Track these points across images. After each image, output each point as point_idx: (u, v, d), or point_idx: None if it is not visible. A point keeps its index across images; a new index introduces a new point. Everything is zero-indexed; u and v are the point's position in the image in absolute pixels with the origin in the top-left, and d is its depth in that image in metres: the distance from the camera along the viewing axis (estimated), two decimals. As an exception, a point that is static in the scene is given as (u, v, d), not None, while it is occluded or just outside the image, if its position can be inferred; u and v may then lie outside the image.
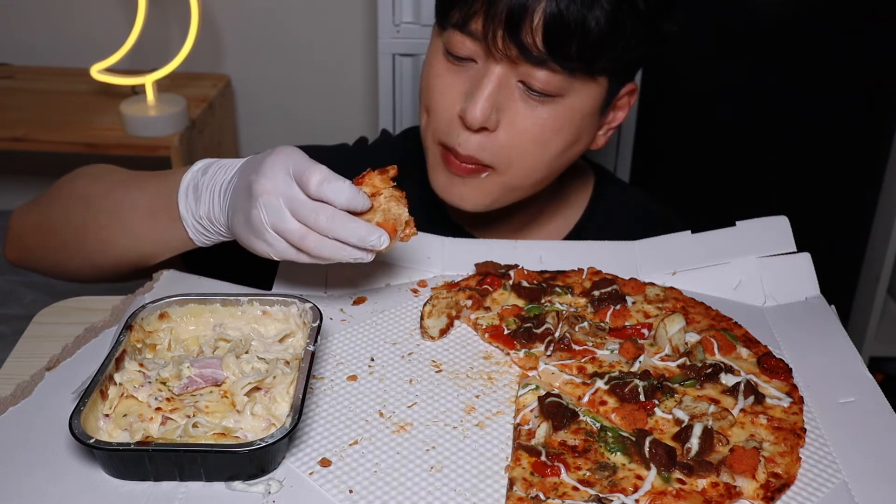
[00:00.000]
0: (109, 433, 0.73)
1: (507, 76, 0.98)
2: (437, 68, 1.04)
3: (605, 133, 1.10)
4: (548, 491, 0.69)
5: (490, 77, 0.98)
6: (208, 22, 2.36)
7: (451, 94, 1.02)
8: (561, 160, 1.05)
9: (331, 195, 0.80)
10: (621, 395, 0.79)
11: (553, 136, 1.01)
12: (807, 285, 0.98)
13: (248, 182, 0.82)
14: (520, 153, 1.02)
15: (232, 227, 0.86)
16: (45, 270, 1.10)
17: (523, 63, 0.96)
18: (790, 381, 0.83)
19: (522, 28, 0.93)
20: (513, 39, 0.94)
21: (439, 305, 0.93)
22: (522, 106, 0.99)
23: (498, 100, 0.99)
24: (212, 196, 0.88)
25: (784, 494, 0.71)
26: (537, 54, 0.95)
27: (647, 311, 0.93)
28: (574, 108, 1.01)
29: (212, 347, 0.84)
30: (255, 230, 0.82)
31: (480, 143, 1.01)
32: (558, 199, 1.21)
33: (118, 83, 2.12)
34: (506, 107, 0.99)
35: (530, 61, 0.96)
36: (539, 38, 0.94)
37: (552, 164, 1.05)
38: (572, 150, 1.05)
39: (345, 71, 2.43)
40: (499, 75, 0.98)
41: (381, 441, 0.76)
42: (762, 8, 2.11)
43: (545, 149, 1.02)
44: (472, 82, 1.00)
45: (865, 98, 2.19)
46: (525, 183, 1.06)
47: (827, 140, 2.24)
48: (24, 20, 2.41)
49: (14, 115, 2.16)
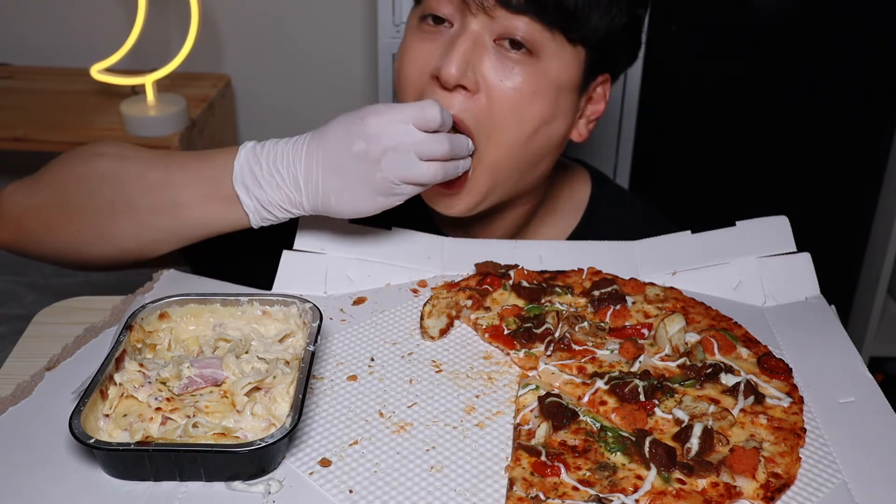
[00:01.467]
0: (109, 433, 0.73)
1: (482, 34, 0.98)
2: (410, 41, 1.04)
3: (586, 125, 1.09)
4: (548, 491, 0.69)
5: (465, 35, 0.98)
6: (208, 22, 2.36)
7: (423, 57, 1.01)
8: (541, 137, 1.02)
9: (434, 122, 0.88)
10: (621, 395, 0.79)
11: (529, 102, 0.99)
12: (807, 285, 0.98)
13: (355, 152, 0.87)
14: (499, 118, 0.99)
15: (334, 205, 0.90)
16: (42, 254, 1.05)
17: (501, 11, 0.96)
18: (790, 381, 0.83)
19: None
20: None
21: (439, 305, 0.93)
22: (499, 66, 0.98)
23: (473, 59, 0.98)
24: (283, 183, 0.90)
25: (784, 494, 0.71)
26: (517, 3, 0.95)
27: (647, 311, 0.93)
28: (548, 73, 0.99)
29: (212, 347, 0.84)
30: (384, 190, 0.88)
31: (462, 104, 0.98)
32: (551, 206, 1.19)
33: (118, 83, 2.12)
34: (481, 66, 0.98)
35: (508, 7, 0.95)
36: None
37: (530, 142, 1.02)
38: (552, 127, 1.03)
39: (345, 71, 2.43)
40: (474, 33, 0.97)
41: (381, 441, 0.76)
42: (762, 7, 2.11)
43: (522, 116, 1.00)
44: (446, 45, 0.99)
45: (865, 98, 2.19)
46: (508, 164, 1.02)
47: (827, 140, 2.24)
48: (24, 20, 2.41)
49: (14, 115, 2.16)
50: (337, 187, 0.88)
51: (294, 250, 0.99)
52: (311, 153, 0.89)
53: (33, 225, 1.02)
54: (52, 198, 1.01)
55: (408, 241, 1.03)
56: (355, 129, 0.87)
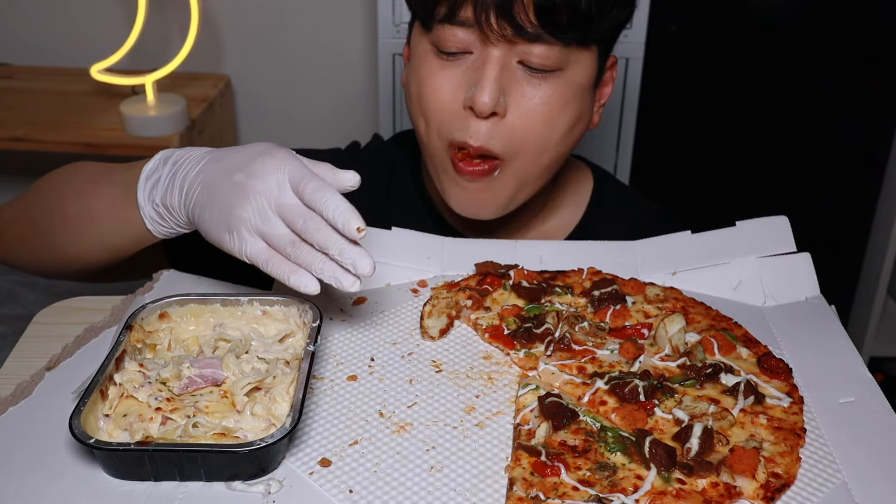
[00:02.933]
0: (109, 433, 0.73)
1: (507, 58, 0.98)
2: (429, 68, 1.02)
3: (597, 110, 1.11)
4: (548, 491, 0.69)
5: (491, 61, 0.98)
6: (208, 22, 2.36)
7: (449, 88, 1.01)
8: (566, 141, 1.05)
9: (322, 204, 0.77)
10: (621, 395, 0.79)
11: (560, 113, 1.01)
12: (807, 285, 0.98)
13: (233, 180, 0.80)
14: (530, 135, 1.01)
15: (198, 220, 0.84)
16: (23, 265, 1.11)
17: (520, 41, 0.96)
18: (790, 381, 0.83)
19: (514, 7, 0.94)
20: (506, 19, 0.95)
21: (439, 305, 0.93)
22: (527, 86, 0.99)
23: (504, 83, 0.99)
24: (172, 184, 0.86)
25: (784, 494, 0.71)
26: (532, 30, 0.95)
27: (647, 311, 0.93)
28: (574, 81, 1.01)
29: (212, 347, 0.84)
30: (233, 227, 0.80)
31: (490, 131, 1.00)
32: (557, 200, 1.20)
33: (118, 83, 2.12)
34: (511, 89, 0.99)
35: (526, 38, 0.96)
36: (531, 13, 0.94)
37: (559, 146, 1.04)
38: (576, 129, 1.05)
39: (345, 71, 2.43)
40: (499, 58, 0.98)
41: (381, 441, 0.76)
42: (763, 8, 2.11)
43: (553, 127, 1.02)
44: (472, 72, 1.00)
45: (865, 98, 2.19)
46: (535, 170, 1.05)
47: (827, 140, 2.24)
48: (24, 20, 2.41)
49: (14, 115, 2.16)
50: (204, 202, 0.83)
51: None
52: (206, 164, 0.85)
53: (10, 237, 1.08)
54: (19, 211, 1.07)
55: (408, 241, 1.03)
56: (249, 160, 0.82)
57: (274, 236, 0.79)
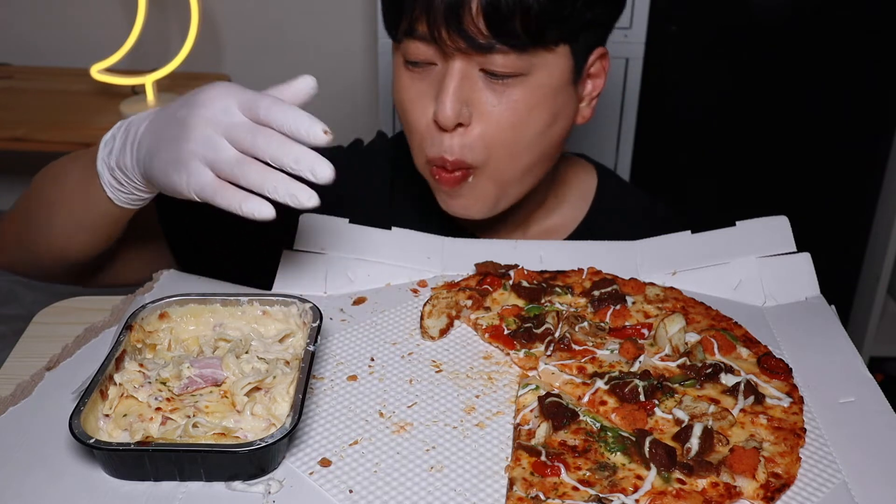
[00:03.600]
0: (109, 433, 0.73)
1: (468, 68, 0.98)
2: (402, 82, 1.04)
3: (588, 104, 1.09)
4: (548, 491, 0.69)
5: (451, 73, 0.98)
6: (208, 22, 2.36)
7: (421, 102, 1.02)
8: (544, 140, 1.04)
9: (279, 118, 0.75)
10: (621, 395, 0.79)
11: (527, 117, 1.00)
12: (807, 285, 0.98)
13: (178, 116, 0.78)
14: (497, 142, 1.01)
15: (148, 170, 0.81)
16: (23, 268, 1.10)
17: (475, 52, 0.96)
18: (790, 381, 0.83)
19: (464, 19, 0.94)
20: (457, 32, 0.95)
21: (439, 305, 0.93)
22: (490, 94, 0.99)
23: (464, 94, 0.99)
24: (124, 145, 0.85)
25: (784, 494, 0.71)
26: (484, 41, 0.95)
27: (647, 311, 0.93)
28: (541, 83, 1.00)
29: (212, 347, 0.84)
30: (180, 162, 0.76)
31: (462, 143, 1.01)
32: (560, 197, 1.20)
33: (118, 83, 2.13)
34: (474, 98, 0.99)
35: (480, 49, 0.96)
36: (482, 25, 0.94)
37: (534, 146, 1.03)
38: (554, 128, 1.04)
39: (345, 71, 2.43)
40: (459, 69, 0.98)
41: (381, 441, 0.76)
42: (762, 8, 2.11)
43: (522, 132, 1.01)
44: (436, 84, 1.00)
45: (865, 98, 2.20)
46: (514, 171, 1.04)
47: (827, 140, 2.24)
48: (24, 20, 2.41)
49: (14, 115, 2.17)
50: (151, 149, 0.81)
51: (294, 250, 0.99)
52: (153, 115, 0.83)
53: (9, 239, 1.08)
54: (16, 209, 1.06)
55: (408, 241, 1.03)
56: (191, 95, 0.79)
57: (222, 162, 0.75)
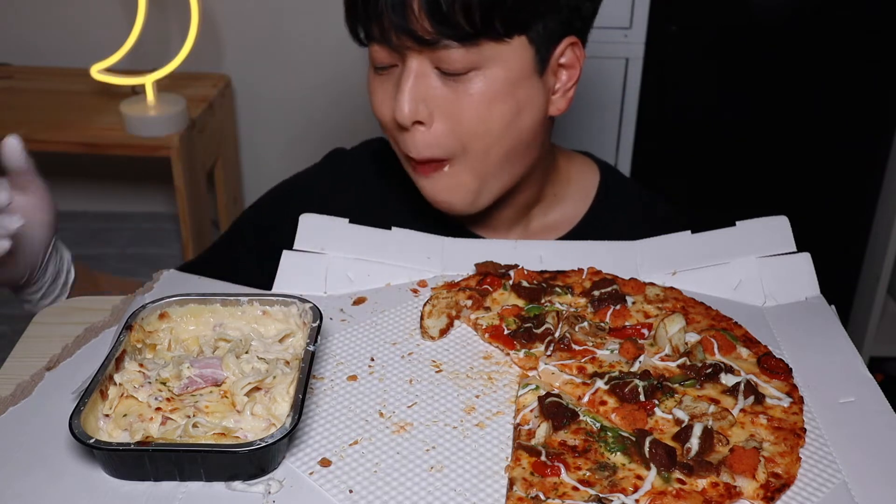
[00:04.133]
0: (109, 433, 0.73)
1: (423, 66, 1.00)
2: (371, 85, 1.07)
3: (562, 95, 1.08)
4: (548, 491, 0.69)
5: (406, 73, 1.00)
6: (208, 22, 2.36)
7: (387, 103, 1.04)
8: (513, 132, 1.03)
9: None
10: (621, 395, 0.79)
11: (488, 109, 1.01)
12: (807, 285, 0.98)
13: None
14: (464, 135, 1.02)
15: None
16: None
17: (426, 50, 0.98)
18: (790, 381, 0.83)
19: (408, 18, 0.95)
20: (403, 31, 0.96)
21: (439, 305, 0.93)
22: (447, 90, 1.00)
23: (420, 92, 1.00)
24: None
25: (784, 494, 0.71)
26: (430, 38, 0.96)
27: (647, 311, 0.93)
28: (497, 76, 1.00)
29: (212, 347, 0.84)
30: None
31: (426, 141, 1.02)
32: (560, 192, 1.20)
33: (118, 83, 2.12)
34: (431, 96, 1.00)
35: (429, 46, 0.97)
36: (426, 23, 0.95)
37: (504, 139, 1.03)
38: (522, 120, 1.03)
39: (345, 71, 2.43)
40: (414, 69, 1.00)
41: (381, 441, 0.76)
42: (762, 8, 2.11)
43: (486, 124, 1.01)
44: (396, 85, 1.02)
45: (865, 98, 2.20)
46: (490, 163, 1.05)
47: (827, 140, 2.24)
48: (24, 20, 2.41)
49: (14, 115, 2.16)
50: None
51: (294, 250, 0.99)
52: None
53: None
54: None
55: (408, 241, 1.03)
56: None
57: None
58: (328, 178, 1.26)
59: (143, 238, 2.46)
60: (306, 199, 1.12)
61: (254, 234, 1.24)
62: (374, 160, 1.27)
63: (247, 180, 2.62)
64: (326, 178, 1.27)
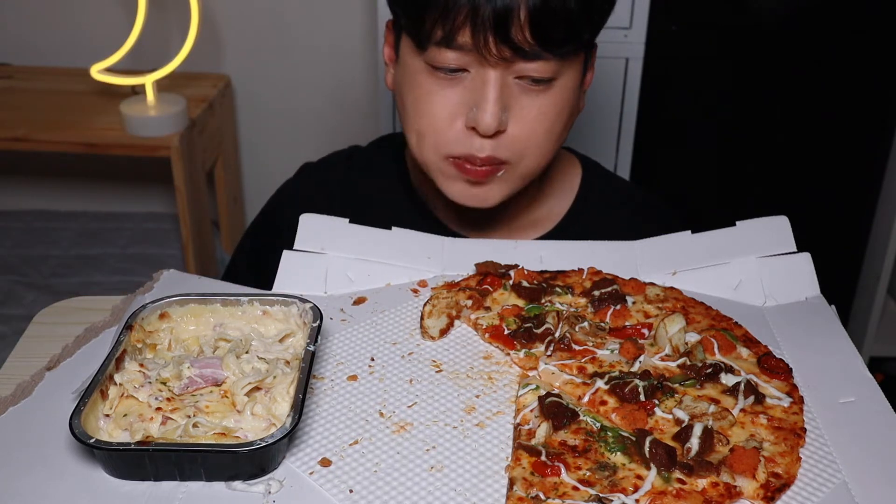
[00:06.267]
0: (109, 433, 0.73)
1: (505, 76, 0.99)
2: (427, 87, 1.02)
3: (581, 97, 1.12)
4: (548, 491, 0.69)
5: (491, 83, 0.98)
6: (208, 22, 2.36)
7: (448, 109, 1.01)
8: (562, 137, 1.09)
9: None
10: (621, 395, 0.79)
11: (557, 119, 1.04)
12: (807, 285, 0.98)
13: None
14: (531, 143, 1.04)
15: None
16: None
17: (518, 61, 0.97)
18: (790, 381, 0.83)
19: (511, 28, 0.94)
20: (505, 42, 0.95)
21: (439, 305, 0.93)
22: (525, 99, 1.01)
23: (504, 101, 1.00)
24: None
25: (784, 494, 0.71)
26: (529, 49, 0.96)
27: (647, 311, 0.93)
28: (567, 86, 1.03)
29: (212, 347, 0.84)
30: None
31: (495, 144, 1.02)
32: (546, 189, 1.22)
33: (118, 83, 2.13)
34: (510, 104, 1.01)
35: (525, 58, 0.97)
36: (528, 33, 0.95)
37: (556, 144, 1.08)
38: (569, 125, 1.09)
39: (345, 71, 2.43)
40: (498, 78, 0.99)
41: (381, 441, 0.76)
42: (762, 8, 2.11)
43: (553, 132, 1.05)
44: (471, 91, 1.00)
45: (865, 98, 2.20)
46: (538, 168, 1.08)
47: (827, 140, 2.24)
48: (24, 20, 2.41)
49: (14, 115, 2.16)
50: None
51: (294, 250, 0.99)
52: None
53: None
54: None
55: (408, 241, 1.03)
56: None
57: None
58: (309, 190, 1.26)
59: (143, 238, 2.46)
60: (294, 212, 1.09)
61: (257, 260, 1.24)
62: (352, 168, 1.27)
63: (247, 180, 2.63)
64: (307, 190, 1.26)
